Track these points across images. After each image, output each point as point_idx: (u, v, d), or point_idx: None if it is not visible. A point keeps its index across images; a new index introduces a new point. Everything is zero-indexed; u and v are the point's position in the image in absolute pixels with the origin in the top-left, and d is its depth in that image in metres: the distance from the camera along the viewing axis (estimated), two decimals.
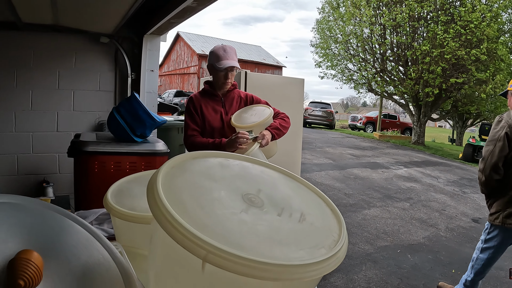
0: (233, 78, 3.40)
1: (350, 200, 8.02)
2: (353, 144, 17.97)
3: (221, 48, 3.28)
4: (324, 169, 10.83)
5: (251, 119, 3.24)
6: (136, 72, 5.85)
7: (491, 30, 17.70)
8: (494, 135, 3.46)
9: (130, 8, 4.30)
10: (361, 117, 33.01)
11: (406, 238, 6.27)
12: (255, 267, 0.75)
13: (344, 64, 23.78)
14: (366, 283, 4.58)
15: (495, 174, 3.42)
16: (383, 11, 20.11)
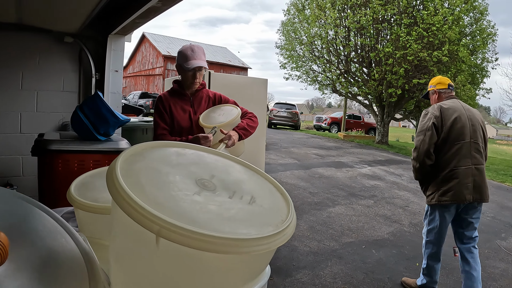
0: (202, 78, 3.42)
1: (315, 199, 8.10)
2: (318, 144, 18.16)
3: (189, 48, 3.29)
4: (289, 169, 10.92)
5: (219, 119, 3.27)
6: (100, 73, 5.79)
7: (452, 32, 18.18)
8: (423, 126, 3.97)
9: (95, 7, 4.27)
10: (326, 118, 33.36)
11: (371, 234, 6.39)
12: (204, 241, 0.81)
13: (308, 66, 23.98)
14: (332, 279, 4.64)
15: (428, 159, 3.92)
16: (347, 13, 20.37)
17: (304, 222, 6.56)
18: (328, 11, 20.62)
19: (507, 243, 6.85)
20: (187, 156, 1.24)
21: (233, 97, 3.82)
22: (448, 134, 3.93)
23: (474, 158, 3.94)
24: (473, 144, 3.95)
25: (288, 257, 5.14)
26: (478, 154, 3.98)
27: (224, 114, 3.36)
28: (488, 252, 6.28)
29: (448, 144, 3.93)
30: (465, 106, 4.14)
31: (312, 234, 6.06)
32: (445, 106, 4.04)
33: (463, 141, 3.92)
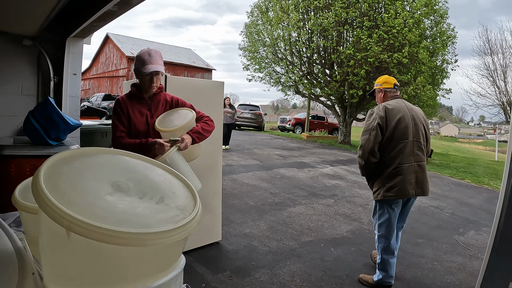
0: (159, 82, 3.47)
1: (276, 199, 8.11)
2: (281, 145, 18.22)
3: (147, 52, 3.33)
4: (251, 170, 10.91)
5: (174, 123, 3.32)
6: (59, 76, 5.71)
7: (412, 35, 18.55)
8: (369, 125, 4.19)
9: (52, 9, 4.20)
10: (290, 119, 33.51)
11: (330, 232, 6.44)
12: (106, 234, 0.93)
13: (271, 67, 24.06)
14: (290, 277, 4.65)
15: (373, 157, 4.16)
16: (310, 16, 20.53)
17: (264, 223, 6.56)
18: (291, 14, 20.74)
19: (465, 238, 6.99)
20: (110, 161, 1.38)
21: (191, 100, 3.84)
22: (392, 134, 4.16)
23: (417, 155, 4.24)
24: (415, 142, 4.24)
25: (247, 257, 5.14)
26: (420, 151, 4.28)
27: (179, 117, 3.41)
28: (446, 247, 6.39)
29: (393, 143, 4.16)
30: (409, 105, 4.39)
31: (272, 234, 6.06)
32: (390, 106, 4.25)
33: (406, 140, 4.18)
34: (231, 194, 8.18)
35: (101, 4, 4.16)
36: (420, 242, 6.54)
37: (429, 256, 5.90)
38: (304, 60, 22.69)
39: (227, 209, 7.07)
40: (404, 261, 5.59)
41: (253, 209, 7.22)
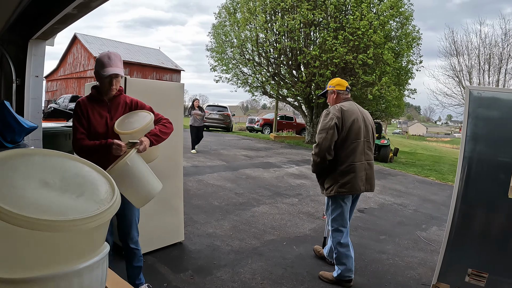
0: (118, 85, 3.48)
1: (240, 199, 8.10)
2: (248, 146, 18.24)
3: (106, 55, 3.36)
4: (217, 170, 10.88)
5: (133, 125, 3.34)
6: (21, 78, 5.61)
7: (377, 36, 18.80)
8: (325, 125, 4.37)
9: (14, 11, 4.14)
10: (259, 119, 33.60)
11: (293, 231, 6.47)
12: (23, 220, 1.05)
13: (239, 68, 24.07)
14: (251, 275, 4.67)
15: (328, 155, 4.35)
16: (277, 17, 20.61)
17: (227, 222, 6.55)
18: (258, 15, 20.79)
19: (427, 234, 7.11)
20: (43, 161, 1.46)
21: (151, 102, 3.85)
22: (347, 134, 4.40)
23: (367, 154, 4.57)
24: (366, 143, 4.56)
25: (210, 256, 5.13)
26: (369, 151, 4.63)
27: (138, 120, 3.45)
28: (408, 243, 6.50)
29: (347, 143, 4.41)
30: (360, 108, 4.71)
31: (235, 234, 6.06)
32: (345, 108, 4.48)
33: (359, 140, 4.47)
34: (196, 195, 8.15)
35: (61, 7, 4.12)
36: (382, 238, 6.63)
37: (391, 252, 5.99)
38: (271, 61, 22.77)
39: (191, 209, 7.04)
40: (366, 257, 5.66)
41: (217, 210, 7.21)
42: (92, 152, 3.27)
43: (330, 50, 19.17)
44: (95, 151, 3.27)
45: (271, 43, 21.41)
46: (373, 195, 10.04)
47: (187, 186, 8.71)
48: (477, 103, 3.86)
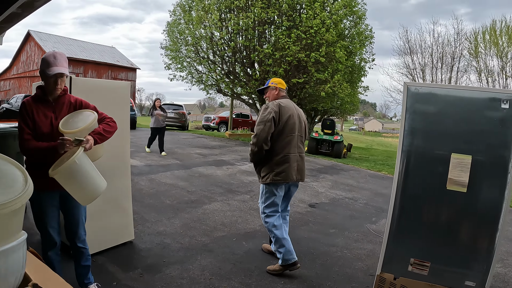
0: (63, 84, 3.49)
1: (192, 197, 8.09)
2: (203, 144, 18.17)
3: (52, 55, 3.35)
4: (170, 169, 10.80)
5: (77, 125, 3.35)
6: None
7: (330, 35, 19.03)
8: (264, 118, 4.73)
9: None
10: (214, 117, 33.56)
11: (243, 227, 6.52)
12: None
13: (193, 66, 23.94)
14: (200, 271, 4.71)
15: (265, 145, 4.71)
16: (231, 15, 20.59)
17: (178, 220, 6.54)
18: (212, 13, 20.72)
19: (377, 226, 7.30)
20: None
21: (96, 101, 3.84)
22: (283, 127, 4.79)
23: (299, 147, 4.98)
24: (299, 137, 4.97)
25: (159, 254, 5.13)
26: (301, 145, 5.03)
27: (82, 119, 3.47)
28: (357, 236, 6.65)
29: (283, 135, 4.79)
30: (295, 106, 5.11)
31: (185, 231, 6.06)
32: (283, 104, 4.88)
33: (294, 134, 4.88)
34: (148, 194, 8.10)
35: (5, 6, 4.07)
36: (332, 232, 6.76)
37: (340, 245, 6.12)
38: (226, 59, 22.76)
39: (143, 208, 7.00)
40: (315, 250, 5.77)
41: (169, 208, 7.19)
42: (40, 153, 3.27)
43: (283, 48, 19.29)
44: (42, 152, 3.26)
45: (226, 41, 21.39)
46: (324, 190, 10.20)
47: (140, 186, 8.65)
48: (414, 98, 3.99)
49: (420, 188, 4.00)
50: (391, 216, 4.09)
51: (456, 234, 3.91)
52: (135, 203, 6.72)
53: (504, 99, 3.71)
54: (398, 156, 4.06)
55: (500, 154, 3.73)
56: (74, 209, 3.66)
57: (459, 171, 3.82)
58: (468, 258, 3.85)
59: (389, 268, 4.14)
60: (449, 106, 3.92)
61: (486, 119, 3.78)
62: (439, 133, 3.92)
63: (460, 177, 3.81)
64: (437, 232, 3.95)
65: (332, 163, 16.12)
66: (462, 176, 3.80)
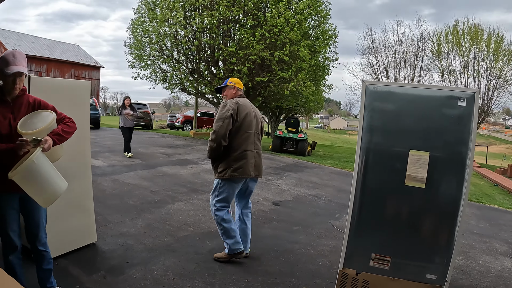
0: (22, 84, 3.43)
1: (155, 197, 8.02)
2: (167, 143, 18.02)
3: (11, 53, 3.30)
4: (133, 169, 10.67)
5: (36, 125, 3.30)
6: None
7: (294, 34, 19.12)
8: (222, 115, 4.89)
9: None
10: (179, 116, 33.33)
11: (207, 226, 6.51)
12: None
13: (157, 65, 23.71)
14: (163, 272, 4.69)
15: (224, 141, 4.85)
16: (195, 14, 20.47)
17: (142, 221, 6.48)
18: (176, 11, 20.55)
19: (340, 222, 7.40)
20: None
21: (56, 101, 3.79)
22: (240, 125, 4.97)
23: (256, 144, 5.17)
24: (256, 134, 5.17)
25: (123, 256, 5.08)
26: (258, 142, 5.24)
27: (41, 120, 3.43)
28: (321, 232, 6.73)
29: (240, 132, 4.97)
30: (252, 104, 5.31)
31: (148, 232, 6.01)
32: (240, 102, 5.07)
33: (251, 131, 5.08)
34: (111, 194, 8.00)
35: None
36: (295, 229, 6.82)
37: (303, 242, 6.19)
38: (190, 58, 22.62)
39: (105, 210, 6.90)
40: (278, 248, 5.82)
41: (132, 209, 7.11)
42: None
43: (247, 47, 19.30)
44: (0, 154, 3.21)
45: (190, 40, 21.26)
46: (288, 188, 10.28)
47: (103, 186, 8.53)
48: (373, 96, 4.07)
49: (380, 184, 4.08)
50: (352, 213, 4.16)
51: (416, 228, 4.01)
52: (98, 204, 6.63)
53: (461, 97, 3.82)
54: (357, 153, 4.13)
55: (457, 150, 3.84)
56: (34, 211, 3.59)
57: (417, 167, 3.91)
58: (429, 251, 3.95)
59: (351, 264, 4.21)
60: (407, 104, 4.02)
61: (444, 117, 3.89)
62: (398, 131, 4.01)
63: (419, 173, 3.90)
64: (397, 227, 4.04)
65: (296, 161, 16.25)
66: (420, 172, 3.90)
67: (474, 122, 3.81)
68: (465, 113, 3.82)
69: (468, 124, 3.82)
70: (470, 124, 3.82)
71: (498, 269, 5.90)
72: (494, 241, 7.29)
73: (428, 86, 4.86)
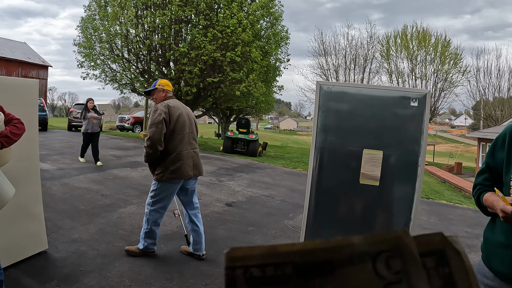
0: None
1: (107, 201, 7.82)
2: (117, 145, 17.66)
3: None
4: (83, 172, 10.37)
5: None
6: None
7: (246, 35, 19.15)
8: (155, 120, 4.85)
9: None
10: (129, 118, 32.82)
11: (161, 229, 6.39)
12: None
13: (107, 65, 23.21)
14: (119, 278, 4.56)
15: (160, 146, 4.84)
16: (147, 12, 20.18)
17: (94, 226, 6.30)
18: (127, 10, 20.19)
19: (294, 222, 7.47)
20: None
21: (2, 101, 3.66)
22: (174, 127, 4.97)
23: (192, 144, 5.21)
24: (190, 134, 5.20)
25: (76, 263, 4.90)
26: (194, 141, 5.28)
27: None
28: (276, 232, 6.77)
29: (174, 134, 4.97)
30: (183, 105, 5.36)
31: (101, 237, 5.85)
32: (171, 104, 5.07)
33: (184, 132, 5.09)
34: (61, 199, 7.74)
35: None
36: (250, 230, 6.84)
37: (259, 242, 6.17)
38: (141, 58, 22.29)
39: (56, 215, 6.67)
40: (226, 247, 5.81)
41: (83, 213, 6.91)
42: None
43: (199, 47, 19.19)
44: None
45: (141, 39, 20.93)
46: (241, 188, 10.29)
47: (52, 191, 8.25)
48: (327, 97, 4.12)
49: (334, 183, 4.15)
50: (307, 211, 4.20)
51: (371, 226, 4.10)
52: (48, 209, 6.39)
53: (413, 98, 3.93)
54: (311, 152, 4.18)
55: (410, 149, 3.96)
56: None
57: (371, 165, 4.00)
58: None
59: None
60: (360, 104, 4.10)
61: (397, 117, 4.00)
62: (351, 130, 4.09)
63: (372, 171, 3.99)
64: (353, 224, 4.12)
65: (247, 162, 16.29)
66: (374, 171, 3.98)
67: (426, 122, 3.93)
68: (417, 113, 3.93)
69: (420, 124, 3.94)
70: (422, 124, 3.94)
71: None
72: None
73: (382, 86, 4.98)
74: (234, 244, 5.97)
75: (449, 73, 33.94)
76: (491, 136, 21.08)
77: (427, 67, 34.01)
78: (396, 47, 34.89)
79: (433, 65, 33.82)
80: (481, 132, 28.21)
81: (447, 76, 33.91)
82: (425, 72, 33.95)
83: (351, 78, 35.74)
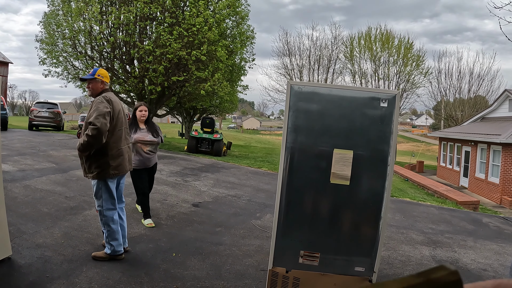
0: None
1: (71, 203, 7.59)
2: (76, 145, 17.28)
3: None
4: (45, 174, 10.04)
5: None
6: None
7: (212, 34, 19.05)
8: (102, 110, 4.75)
9: None
10: None
11: (128, 232, 6.30)
12: None
13: (70, 62, 22.68)
14: (87, 284, 4.43)
15: (104, 138, 4.73)
16: (112, 9, 19.83)
17: (58, 230, 6.10)
18: (92, 6, 19.78)
19: (262, 221, 7.48)
20: None
21: None
22: (116, 122, 4.98)
23: (126, 139, 5.28)
24: (125, 129, 5.25)
25: (42, 269, 4.70)
26: (128, 136, 5.39)
27: None
28: (244, 232, 6.76)
29: (116, 130, 4.99)
30: (118, 100, 5.31)
31: (66, 241, 5.67)
32: (113, 99, 5.03)
33: (122, 127, 5.14)
34: (23, 202, 7.46)
35: None
36: (218, 230, 6.80)
37: (227, 243, 6.18)
38: (104, 55, 21.89)
39: (18, 219, 6.42)
40: (203, 250, 5.76)
41: (47, 217, 6.68)
42: None
43: (164, 45, 18.98)
44: None
45: (105, 36, 20.54)
46: (207, 188, 10.24)
47: (13, 194, 7.95)
48: (297, 97, 4.13)
49: (305, 183, 4.17)
50: (278, 211, 4.20)
51: (342, 224, 4.17)
52: (10, 213, 6.15)
53: (383, 98, 3.99)
54: (282, 152, 4.18)
55: (380, 148, 4.02)
56: None
57: (342, 165, 4.04)
58: (355, 245, 4.14)
59: (281, 262, 4.25)
60: (331, 104, 4.13)
61: (367, 117, 4.05)
62: (322, 130, 4.12)
63: (343, 171, 4.03)
64: (324, 224, 4.16)
65: (212, 162, 16.24)
66: (345, 170, 4.03)
67: (395, 122, 4.01)
68: (386, 113, 4.00)
69: (390, 124, 4.01)
70: (391, 124, 4.01)
71: (418, 257, 6.27)
72: (411, 232, 7.76)
73: (352, 87, 5.03)
74: (203, 246, 5.94)
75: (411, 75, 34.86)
76: (452, 135, 21.72)
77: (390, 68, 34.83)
78: (360, 48, 35.61)
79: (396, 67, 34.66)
80: (442, 132, 28.94)
81: (409, 77, 34.83)
82: (388, 73, 34.72)
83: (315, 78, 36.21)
